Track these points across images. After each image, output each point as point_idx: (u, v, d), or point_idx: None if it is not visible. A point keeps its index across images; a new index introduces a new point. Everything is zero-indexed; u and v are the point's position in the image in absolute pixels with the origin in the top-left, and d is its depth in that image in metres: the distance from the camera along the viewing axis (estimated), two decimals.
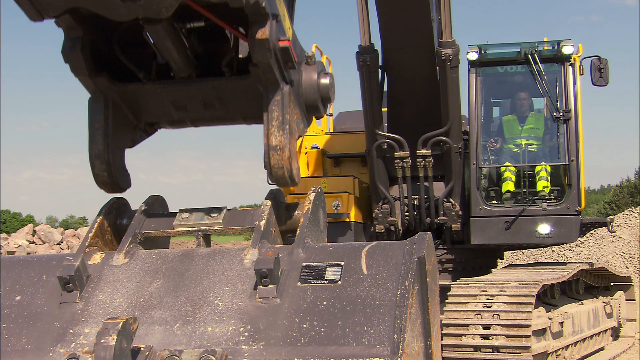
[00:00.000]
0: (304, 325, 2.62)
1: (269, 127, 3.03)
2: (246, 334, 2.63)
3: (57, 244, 27.38)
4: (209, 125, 3.48)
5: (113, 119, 3.21)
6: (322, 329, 2.59)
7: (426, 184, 8.97)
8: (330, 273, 2.79)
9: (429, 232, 2.91)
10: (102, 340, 2.36)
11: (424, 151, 8.68)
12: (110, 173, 3.22)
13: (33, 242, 27.10)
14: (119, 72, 3.25)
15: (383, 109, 9.06)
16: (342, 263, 2.82)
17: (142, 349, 2.58)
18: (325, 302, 2.68)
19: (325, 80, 3.27)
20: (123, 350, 2.40)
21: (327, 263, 2.84)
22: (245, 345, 2.59)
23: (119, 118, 3.27)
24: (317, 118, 3.47)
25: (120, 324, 2.40)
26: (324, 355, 2.51)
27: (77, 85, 3.21)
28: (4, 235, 28.37)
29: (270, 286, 2.73)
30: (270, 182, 3.20)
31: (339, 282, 2.75)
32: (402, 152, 8.73)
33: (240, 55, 3.22)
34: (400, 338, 2.51)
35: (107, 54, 3.21)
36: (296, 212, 3.29)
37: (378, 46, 8.39)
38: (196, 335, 2.66)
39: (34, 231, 28.25)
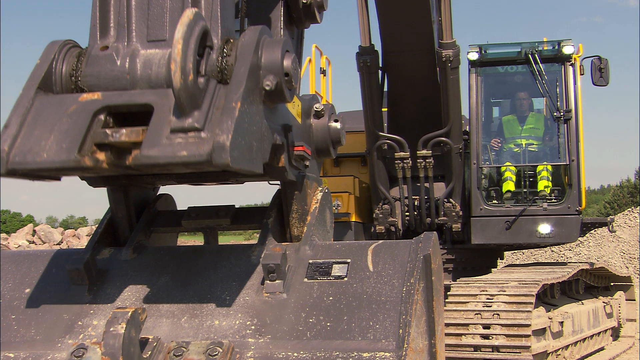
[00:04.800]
0: (310, 320, 2.64)
1: (289, 219, 3.13)
2: (253, 327, 2.66)
3: (57, 244, 27.36)
4: None
5: (134, 202, 3.25)
6: (328, 324, 2.62)
7: (426, 184, 8.99)
8: (337, 270, 2.82)
9: (434, 232, 2.94)
10: (112, 329, 2.37)
11: (424, 152, 8.69)
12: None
13: (33, 242, 27.10)
14: None
15: (383, 109, 9.10)
16: (349, 260, 2.84)
17: (150, 339, 2.61)
18: (331, 298, 2.71)
19: (336, 124, 3.32)
20: (132, 339, 2.41)
21: (334, 260, 2.86)
22: (251, 338, 2.62)
23: (137, 197, 3.30)
24: (328, 158, 3.53)
25: (130, 313, 2.40)
26: (329, 349, 2.54)
27: None
28: (4, 235, 28.35)
29: (277, 281, 2.76)
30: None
31: (345, 279, 2.77)
32: (402, 153, 8.75)
33: None
34: (406, 333, 2.53)
35: None
36: None
37: (378, 47, 8.43)
38: (203, 328, 2.69)
39: (34, 231, 28.26)
